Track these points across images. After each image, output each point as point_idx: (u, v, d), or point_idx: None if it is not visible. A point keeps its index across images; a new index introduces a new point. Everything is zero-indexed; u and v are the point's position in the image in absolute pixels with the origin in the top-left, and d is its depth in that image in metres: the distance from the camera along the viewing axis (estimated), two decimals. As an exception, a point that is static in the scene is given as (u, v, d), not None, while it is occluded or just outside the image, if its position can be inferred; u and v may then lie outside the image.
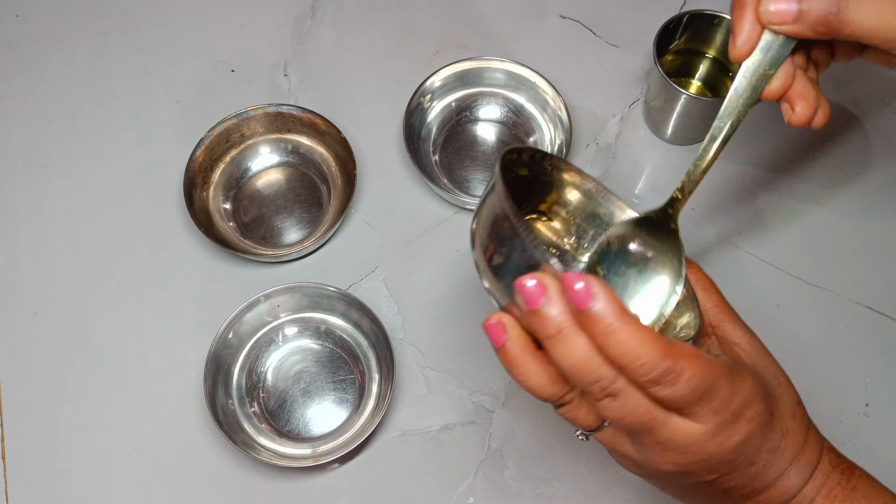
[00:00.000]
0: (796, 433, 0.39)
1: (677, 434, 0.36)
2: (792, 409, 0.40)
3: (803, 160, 0.67)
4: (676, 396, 0.34)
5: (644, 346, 0.33)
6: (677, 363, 0.33)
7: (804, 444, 0.40)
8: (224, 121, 0.65)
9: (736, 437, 0.37)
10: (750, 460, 0.38)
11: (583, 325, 0.34)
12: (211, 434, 0.58)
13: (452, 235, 0.65)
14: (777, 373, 0.41)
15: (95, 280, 0.64)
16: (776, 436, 0.39)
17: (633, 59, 0.71)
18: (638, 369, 0.33)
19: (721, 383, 0.35)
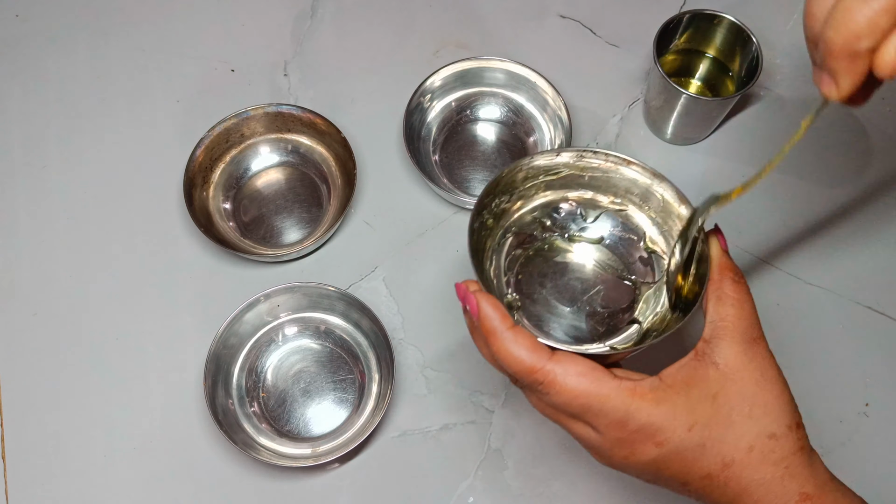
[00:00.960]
0: (744, 468, 0.39)
1: (582, 435, 0.41)
2: (750, 442, 0.39)
3: (803, 160, 0.67)
4: (557, 405, 0.40)
5: (510, 361, 0.39)
6: (545, 378, 0.39)
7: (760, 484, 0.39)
8: (224, 120, 0.65)
9: (643, 456, 0.39)
10: (679, 479, 0.40)
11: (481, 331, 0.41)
12: (211, 434, 0.58)
13: (452, 235, 0.65)
14: (757, 402, 0.39)
15: (95, 280, 0.64)
16: (709, 464, 0.39)
17: (632, 59, 0.71)
18: (515, 375, 0.40)
19: (610, 405, 0.38)
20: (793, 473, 0.39)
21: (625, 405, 0.38)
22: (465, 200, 0.64)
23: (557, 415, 0.41)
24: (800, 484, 0.39)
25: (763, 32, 0.69)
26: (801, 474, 0.39)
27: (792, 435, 0.40)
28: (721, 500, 0.40)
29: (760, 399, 0.39)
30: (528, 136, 0.68)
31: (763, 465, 0.39)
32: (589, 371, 0.39)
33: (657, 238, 0.50)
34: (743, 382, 0.40)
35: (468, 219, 0.56)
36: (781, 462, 0.39)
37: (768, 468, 0.39)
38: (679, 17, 0.63)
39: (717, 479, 0.39)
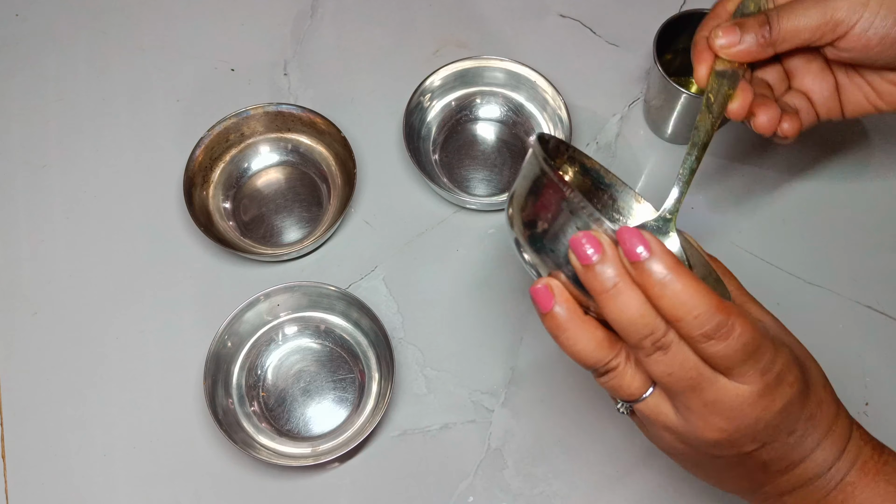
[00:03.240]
0: (829, 404, 0.40)
1: (725, 395, 0.36)
2: (823, 380, 0.41)
3: (803, 159, 0.67)
4: (728, 353, 0.35)
5: (699, 298, 0.34)
6: (730, 318, 0.34)
7: (836, 416, 0.40)
8: (224, 120, 0.65)
9: (779, 401, 0.37)
10: (790, 428, 0.38)
11: (637, 278, 0.35)
12: (211, 433, 0.58)
13: (452, 234, 0.65)
14: (803, 348, 0.42)
15: (95, 279, 0.64)
16: (812, 404, 0.39)
17: (632, 59, 0.71)
18: (692, 321, 0.34)
19: (766, 344, 0.36)
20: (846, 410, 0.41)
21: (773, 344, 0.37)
22: (464, 200, 0.64)
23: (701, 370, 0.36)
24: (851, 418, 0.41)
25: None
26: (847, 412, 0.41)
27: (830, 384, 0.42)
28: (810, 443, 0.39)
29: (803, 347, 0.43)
30: (528, 136, 0.68)
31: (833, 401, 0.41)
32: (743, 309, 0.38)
33: None
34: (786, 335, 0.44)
35: (468, 218, 0.57)
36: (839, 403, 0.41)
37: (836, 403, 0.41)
38: (679, 16, 0.63)
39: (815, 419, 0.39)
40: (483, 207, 0.65)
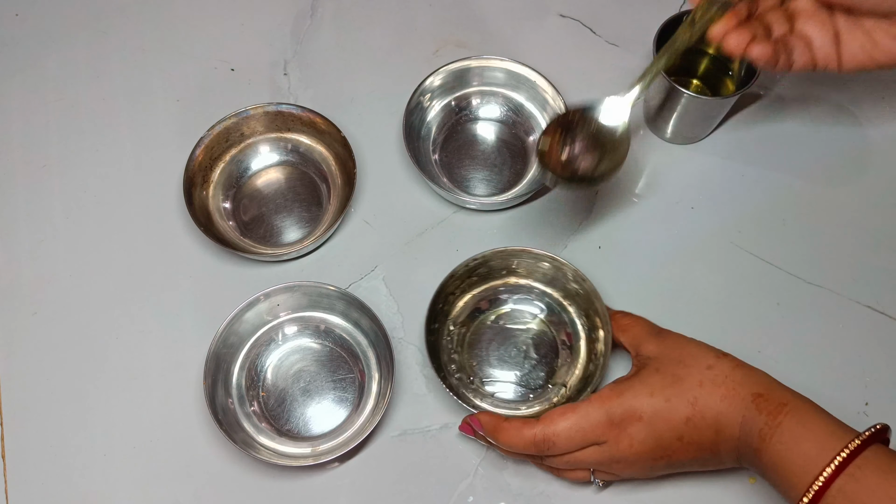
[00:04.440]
0: (708, 396, 0.48)
1: (597, 459, 0.50)
2: (698, 379, 0.49)
3: (803, 159, 0.67)
4: (566, 447, 0.50)
5: (515, 443, 0.51)
6: (545, 437, 0.50)
7: (721, 399, 0.48)
8: (224, 120, 0.65)
9: (639, 435, 0.49)
10: (675, 436, 0.49)
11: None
12: (211, 433, 0.58)
13: (452, 234, 0.65)
14: (684, 358, 0.51)
15: (95, 279, 0.64)
16: (683, 409, 0.48)
17: (632, 59, 0.71)
18: (527, 449, 0.51)
19: (594, 416, 0.50)
20: (739, 383, 0.48)
21: (600, 410, 0.50)
22: (465, 200, 0.64)
23: (574, 459, 0.51)
24: (748, 388, 0.48)
25: (763, 32, 0.68)
26: (746, 382, 0.48)
27: (723, 360, 0.50)
28: (708, 434, 0.48)
29: (686, 353, 0.51)
30: (527, 136, 0.68)
31: (715, 388, 0.48)
32: (566, 409, 0.50)
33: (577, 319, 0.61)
34: (670, 354, 0.51)
35: (468, 218, 0.59)
36: (725, 380, 0.49)
37: (719, 389, 0.48)
38: (679, 16, 0.63)
39: (695, 417, 0.48)
40: (483, 207, 0.65)
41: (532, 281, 0.62)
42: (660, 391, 0.49)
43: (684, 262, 0.63)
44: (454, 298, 0.61)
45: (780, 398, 0.47)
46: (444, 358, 0.59)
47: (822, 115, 0.69)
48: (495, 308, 0.62)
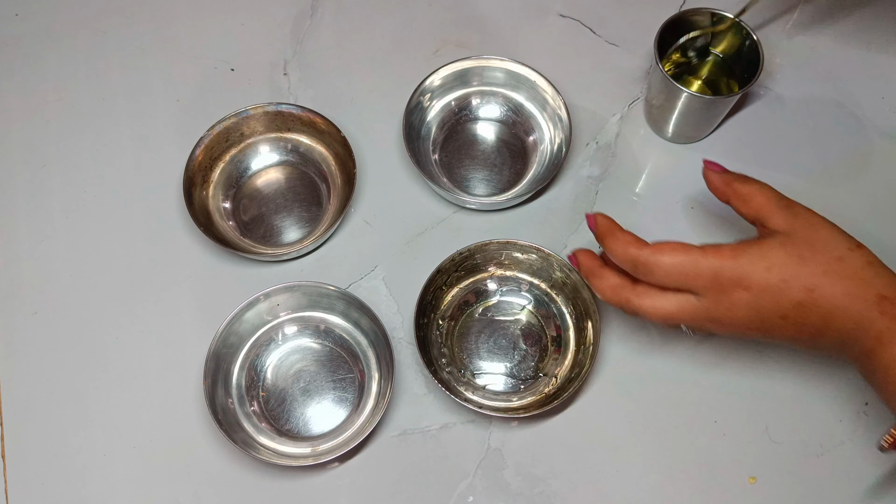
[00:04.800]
0: (827, 287, 0.46)
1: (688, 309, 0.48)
2: (823, 268, 0.46)
3: (803, 159, 0.67)
4: (662, 280, 0.48)
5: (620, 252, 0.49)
6: (649, 261, 0.48)
7: (843, 294, 0.46)
8: (224, 120, 0.65)
9: (739, 302, 0.47)
10: (778, 314, 0.47)
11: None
12: (211, 433, 0.58)
13: (452, 234, 0.65)
14: (815, 240, 0.48)
15: (95, 279, 0.64)
16: (796, 294, 0.46)
17: (632, 58, 0.71)
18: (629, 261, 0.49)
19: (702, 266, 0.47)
20: (867, 282, 0.46)
21: (711, 264, 0.47)
22: (464, 199, 0.64)
23: (667, 303, 0.49)
24: (875, 289, 0.46)
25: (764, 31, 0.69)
26: (875, 282, 0.46)
27: (856, 253, 0.47)
28: (816, 321, 0.47)
29: (818, 237, 0.48)
30: (527, 136, 0.68)
31: (841, 281, 0.46)
32: (679, 246, 0.48)
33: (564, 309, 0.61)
34: (800, 232, 0.48)
35: (468, 218, 0.59)
36: (855, 275, 0.46)
37: (845, 282, 0.46)
38: (679, 16, 0.63)
39: (807, 304, 0.46)
40: (483, 207, 0.65)
41: (519, 272, 0.62)
42: (778, 269, 0.47)
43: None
44: (442, 292, 0.61)
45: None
46: (434, 352, 0.59)
47: (822, 115, 0.69)
48: (483, 300, 0.62)
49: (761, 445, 0.58)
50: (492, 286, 0.63)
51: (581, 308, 0.60)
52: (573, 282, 0.59)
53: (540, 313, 0.62)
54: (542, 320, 0.62)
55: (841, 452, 0.58)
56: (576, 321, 0.61)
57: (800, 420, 0.59)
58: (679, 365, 0.60)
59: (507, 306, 0.62)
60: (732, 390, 0.59)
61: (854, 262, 0.47)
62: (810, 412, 0.59)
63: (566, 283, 0.60)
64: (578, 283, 0.59)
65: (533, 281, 0.62)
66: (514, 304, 0.62)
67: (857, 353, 0.47)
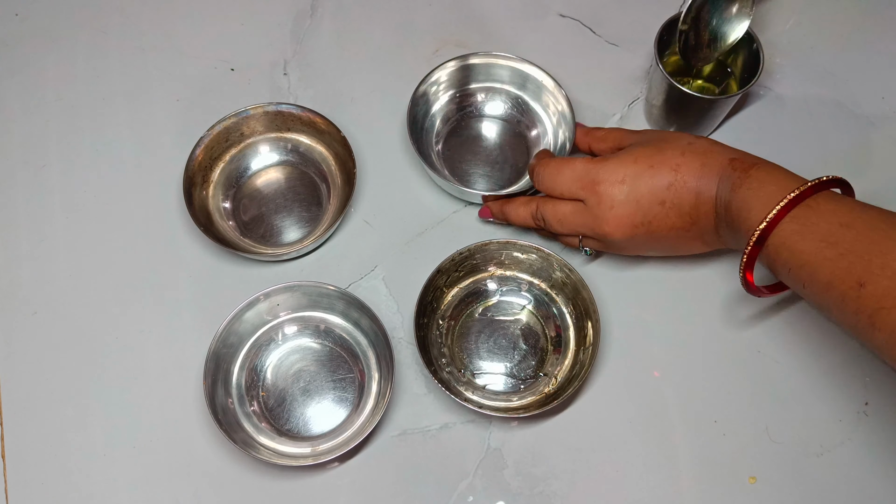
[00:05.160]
0: (689, 163, 0.53)
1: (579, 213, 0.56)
2: (680, 149, 0.54)
3: (803, 159, 0.67)
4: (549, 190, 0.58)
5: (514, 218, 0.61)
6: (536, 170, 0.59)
7: (702, 165, 0.53)
8: (223, 119, 0.65)
9: (619, 195, 0.54)
10: (656, 200, 0.54)
11: None
12: (210, 433, 0.58)
13: (452, 234, 0.65)
14: (664, 136, 0.56)
15: (95, 279, 0.64)
16: (665, 174, 0.53)
17: (632, 58, 0.71)
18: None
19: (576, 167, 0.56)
20: (717, 152, 0.53)
21: (588, 169, 0.55)
22: (467, 192, 0.64)
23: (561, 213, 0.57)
24: (726, 155, 0.53)
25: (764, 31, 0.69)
26: (724, 151, 0.54)
27: (701, 138, 0.55)
28: (689, 198, 0.53)
29: (668, 135, 0.57)
30: (529, 132, 0.68)
31: (696, 156, 0.53)
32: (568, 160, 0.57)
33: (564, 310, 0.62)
34: (652, 136, 0.57)
35: (468, 218, 0.59)
36: (706, 150, 0.54)
37: (700, 157, 0.53)
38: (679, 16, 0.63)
39: (677, 183, 0.53)
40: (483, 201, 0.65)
41: (519, 272, 0.62)
42: (643, 159, 0.54)
43: (685, 261, 0.63)
44: (442, 292, 0.61)
45: (752, 159, 0.53)
46: (434, 352, 0.59)
47: (822, 115, 0.69)
48: (483, 300, 0.62)
49: (761, 445, 0.58)
50: (492, 286, 0.63)
51: (581, 308, 0.60)
52: (573, 282, 0.59)
53: (540, 313, 0.62)
54: (542, 320, 0.62)
55: (841, 452, 0.58)
56: (576, 321, 0.61)
57: (800, 420, 0.59)
58: (679, 365, 0.60)
59: (507, 306, 0.62)
60: (732, 390, 0.59)
61: (702, 143, 0.54)
62: (810, 412, 0.59)
63: (566, 283, 0.60)
64: (578, 283, 0.59)
65: (533, 281, 0.62)
66: (514, 304, 0.62)
67: (722, 214, 0.52)
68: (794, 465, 0.57)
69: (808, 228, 0.47)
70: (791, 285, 0.51)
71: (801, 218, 0.48)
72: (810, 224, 0.47)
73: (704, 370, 0.60)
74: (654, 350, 0.61)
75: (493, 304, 0.62)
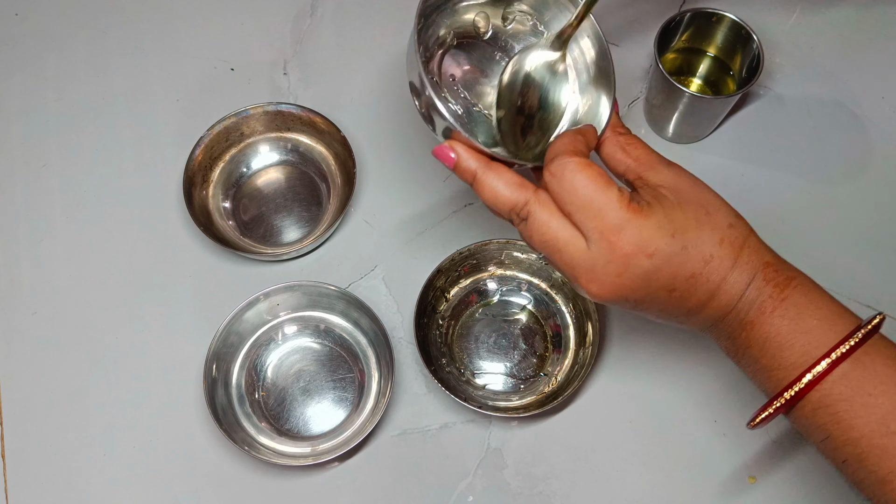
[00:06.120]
0: (723, 258, 0.42)
1: (572, 253, 0.42)
2: (720, 235, 0.43)
3: (803, 159, 0.67)
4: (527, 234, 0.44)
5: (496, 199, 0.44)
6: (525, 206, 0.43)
7: (733, 265, 0.43)
8: (223, 119, 0.64)
9: (636, 270, 0.41)
10: (667, 287, 0.42)
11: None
12: (210, 433, 0.58)
13: (452, 234, 0.65)
14: (704, 200, 0.43)
15: (95, 279, 0.64)
16: (694, 264, 0.42)
17: (632, 58, 0.71)
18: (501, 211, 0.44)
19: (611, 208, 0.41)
20: (754, 249, 0.43)
21: (620, 214, 0.41)
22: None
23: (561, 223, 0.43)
24: (760, 256, 0.43)
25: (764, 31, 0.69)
26: (760, 249, 0.44)
27: (741, 221, 0.44)
28: (702, 297, 0.43)
29: (707, 200, 0.44)
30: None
31: (732, 251, 0.43)
32: (601, 174, 0.42)
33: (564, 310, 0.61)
34: (689, 193, 0.43)
35: (468, 218, 0.58)
36: (743, 244, 0.43)
37: (735, 252, 0.43)
38: (679, 15, 0.63)
39: (700, 277, 0.42)
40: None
41: (519, 272, 0.62)
42: (681, 234, 0.42)
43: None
44: (442, 293, 0.61)
45: (788, 271, 0.43)
46: (434, 352, 0.59)
47: (822, 115, 0.69)
48: (483, 300, 0.62)
49: (761, 445, 0.58)
50: (492, 286, 0.63)
51: (581, 308, 0.60)
52: None
53: (540, 313, 0.62)
54: (542, 320, 0.62)
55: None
56: (576, 321, 0.61)
57: (800, 420, 0.59)
58: (679, 365, 0.60)
59: (507, 306, 0.62)
60: (732, 390, 0.59)
61: (741, 229, 0.44)
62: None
63: (566, 282, 0.60)
64: None
65: (533, 281, 0.62)
66: (514, 304, 0.62)
67: (731, 327, 0.44)
68: (794, 465, 0.57)
69: (861, 398, 0.39)
70: (823, 451, 0.42)
71: (852, 380, 0.39)
72: (864, 393, 0.39)
73: (704, 370, 0.60)
74: (654, 350, 0.61)
75: (494, 303, 0.62)
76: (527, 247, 0.60)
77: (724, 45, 0.65)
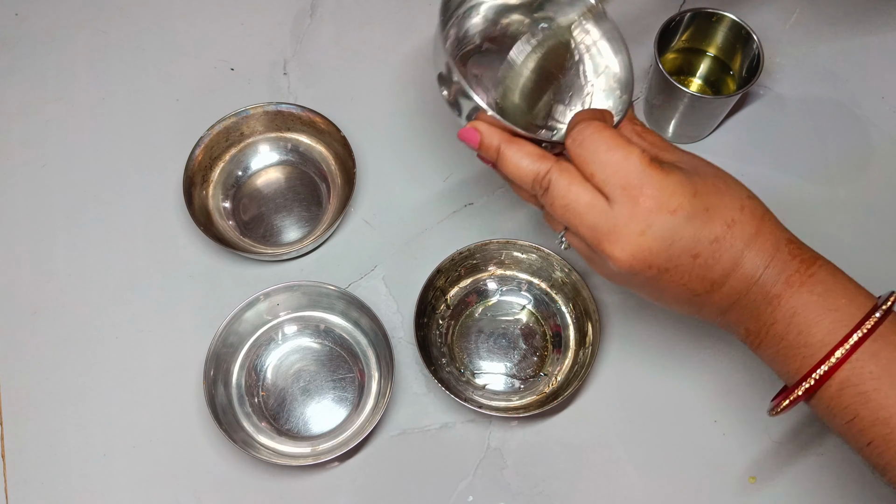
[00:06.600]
0: (745, 224, 0.42)
1: (593, 217, 0.42)
2: (739, 202, 0.43)
3: (803, 159, 0.67)
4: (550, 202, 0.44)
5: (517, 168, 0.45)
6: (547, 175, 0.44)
7: (756, 234, 0.42)
8: (223, 119, 0.65)
9: (659, 229, 0.41)
10: (690, 252, 0.42)
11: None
12: (210, 432, 0.58)
13: (452, 234, 0.65)
14: (720, 175, 0.44)
15: (95, 279, 0.64)
16: (716, 227, 0.42)
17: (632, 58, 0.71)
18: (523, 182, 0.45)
19: (631, 164, 0.41)
20: (774, 223, 0.44)
21: (642, 170, 0.41)
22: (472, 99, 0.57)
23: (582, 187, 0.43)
24: (782, 231, 0.44)
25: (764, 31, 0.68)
26: (779, 224, 0.44)
27: (757, 199, 0.44)
28: (726, 264, 0.42)
29: (723, 175, 0.44)
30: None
31: (754, 220, 0.43)
32: (619, 135, 0.42)
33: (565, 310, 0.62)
34: (704, 167, 0.44)
35: (468, 218, 0.58)
36: (763, 217, 0.43)
37: (757, 222, 0.43)
38: (679, 15, 0.63)
39: (724, 242, 0.42)
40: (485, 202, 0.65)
41: (519, 272, 0.62)
42: (703, 196, 0.41)
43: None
44: (442, 292, 0.61)
45: (812, 252, 0.43)
46: (434, 352, 0.59)
47: (822, 115, 0.69)
48: (483, 300, 0.62)
49: (761, 445, 0.58)
50: (492, 286, 0.63)
51: (581, 308, 0.60)
52: (573, 281, 0.59)
53: (540, 313, 0.62)
54: (542, 320, 0.62)
55: (841, 452, 0.58)
56: (576, 321, 0.61)
57: (800, 420, 0.59)
58: (679, 365, 0.60)
59: (507, 306, 0.62)
60: (732, 390, 0.59)
61: (759, 205, 0.44)
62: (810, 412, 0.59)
63: (566, 282, 0.60)
64: (578, 283, 0.59)
65: (533, 280, 0.62)
66: (514, 304, 0.62)
67: (756, 302, 0.42)
68: (794, 465, 0.57)
69: (891, 377, 0.38)
70: (847, 434, 0.41)
71: (882, 358, 0.39)
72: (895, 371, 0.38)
73: (705, 370, 0.60)
74: (654, 349, 0.61)
75: (494, 303, 0.62)
76: (527, 247, 0.60)
77: (724, 44, 0.65)
